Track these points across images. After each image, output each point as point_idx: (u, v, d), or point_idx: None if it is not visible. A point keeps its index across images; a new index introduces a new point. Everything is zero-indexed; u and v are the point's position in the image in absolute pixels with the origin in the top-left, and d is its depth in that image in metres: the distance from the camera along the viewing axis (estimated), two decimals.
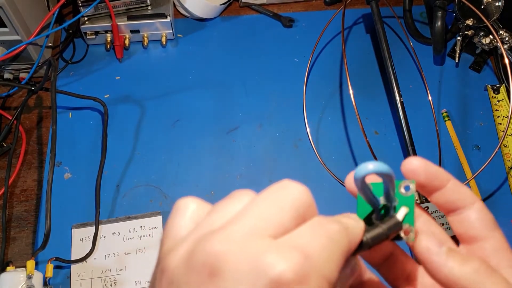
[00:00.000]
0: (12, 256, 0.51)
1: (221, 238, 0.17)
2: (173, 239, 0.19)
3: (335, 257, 0.18)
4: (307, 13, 0.68)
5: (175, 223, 0.20)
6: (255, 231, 0.17)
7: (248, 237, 0.17)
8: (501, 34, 0.59)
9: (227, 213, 0.19)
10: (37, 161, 0.57)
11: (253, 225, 0.18)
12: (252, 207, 0.19)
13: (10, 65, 0.59)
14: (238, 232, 0.17)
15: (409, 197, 0.24)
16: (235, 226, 0.18)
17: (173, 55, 0.64)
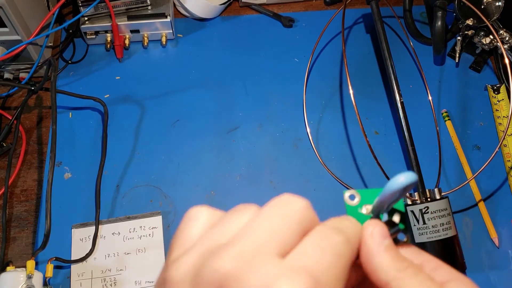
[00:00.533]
0: (12, 256, 0.51)
1: (230, 256, 0.17)
2: (182, 248, 0.20)
3: (342, 272, 0.19)
4: (307, 13, 0.68)
5: (186, 232, 0.20)
6: (264, 249, 0.18)
7: (257, 256, 0.17)
8: (501, 34, 0.59)
9: (233, 227, 0.19)
10: (37, 161, 0.57)
11: (261, 242, 0.18)
12: (259, 223, 0.19)
13: (10, 65, 0.59)
14: (246, 250, 0.18)
15: (399, 201, 0.24)
16: (243, 242, 0.18)
17: (173, 55, 0.64)
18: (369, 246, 0.22)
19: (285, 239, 0.19)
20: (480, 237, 0.54)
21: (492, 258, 0.52)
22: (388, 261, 0.22)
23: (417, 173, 0.53)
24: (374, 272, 0.22)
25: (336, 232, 0.20)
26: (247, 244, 0.18)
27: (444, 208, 0.50)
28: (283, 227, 0.19)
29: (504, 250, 0.53)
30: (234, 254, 0.17)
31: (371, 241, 0.22)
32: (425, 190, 0.52)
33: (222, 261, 0.17)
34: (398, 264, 0.22)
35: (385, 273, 0.22)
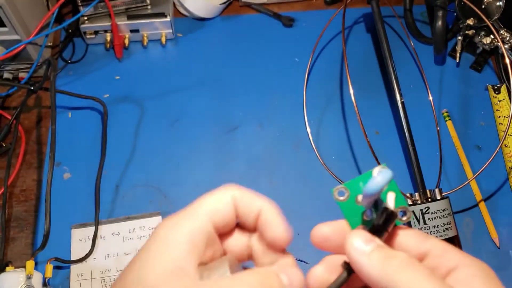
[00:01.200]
0: (12, 256, 0.51)
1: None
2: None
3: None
4: (308, 12, 0.68)
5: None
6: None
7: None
8: (501, 33, 0.59)
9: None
10: (36, 161, 0.57)
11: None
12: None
13: (10, 65, 0.59)
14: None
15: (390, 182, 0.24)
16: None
17: (173, 55, 0.64)
18: (354, 259, 0.22)
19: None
20: (481, 237, 0.53)
21: (492, 259, 0.52)
22: (377, 267, 0.21)
23: (417, 173, 0.53)
24: (368, 277, 0.22)
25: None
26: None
27: (444, 208, 0.50)
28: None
29: (505, 251, 0.53)
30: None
31: (354, 250, 0.22)
32: (426, 190, 0.52)
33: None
34: (386, 266, 0.21)
35: (379, 279, 0.21)
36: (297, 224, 0.30)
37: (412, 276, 0.21)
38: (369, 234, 0.23)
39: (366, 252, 0.22)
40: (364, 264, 0.22)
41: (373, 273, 0.22)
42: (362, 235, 0.23)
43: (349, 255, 0.22)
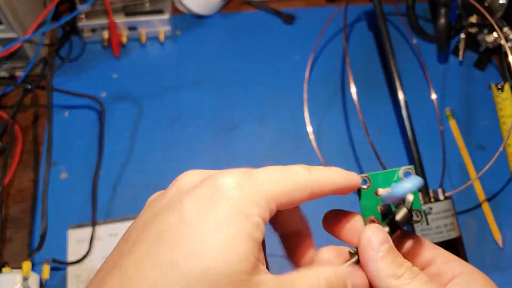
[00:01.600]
0: (8, 257, 0.50)
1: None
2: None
3: (286, 183, 0.22)
4: (308, 9, 0.67)
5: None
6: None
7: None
8: (505, 31, 0.58)
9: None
10: (33, 160, 0.56)
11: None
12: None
13: (6, 63, 0.58)
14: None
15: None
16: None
17: (172, 53, 0.64)
18: (366, 253, 0.23)
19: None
20: (484, 238, 0.53)
21: (496, 259, 0.52)
22: (384, 269, 0.22)
23: (420, 172, 0.52)
24: (372, 279, 0.23)
25: (301, 165, 0.24)
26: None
27: (447, 209, 0.49)
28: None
29: (508, 251, 0.52)
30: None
31: (368, 248, 0.23)
32: (429, 191, 0.51)
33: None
34: (394, 271, 0.22)
35: (380, 280, 0.22)
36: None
37: (415, 287, 0.22)
38: (385, 232, 0.24)
39: (380, 250, 0.23)
40: (373, 263, 0.23)
41: (380, 275, 0.22)
42: (381, 232, 0.23)
43: (363, 248, 0.23)
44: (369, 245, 0.23)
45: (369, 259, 0.23)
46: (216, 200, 0.21)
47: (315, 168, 0.24)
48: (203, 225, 0.20)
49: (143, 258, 0.20)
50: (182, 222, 0.20)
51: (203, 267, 0.19)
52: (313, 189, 0.23)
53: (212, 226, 0.20)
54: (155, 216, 0.21)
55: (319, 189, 0.24)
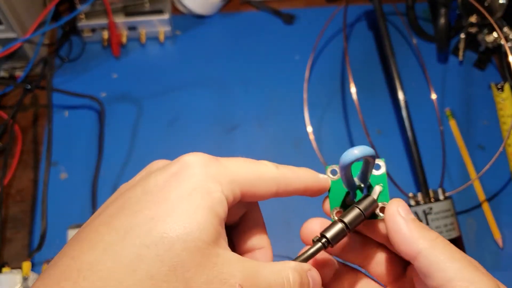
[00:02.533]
0: (8, 257, 0.50)
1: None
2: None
3: (249, 168, 0.23)
4: (308, 9, 0.67)
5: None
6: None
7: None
8: (505, 31, 0.58)
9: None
10: (33, 160, 0.56)
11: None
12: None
13: (6, 63, 0.59)
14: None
15: (381, 175, 0.25)
16: None
17: (172, 53, 0.64)
18: (397, 221, 0.23)
19: None
20: (484, 238, 0.53)
21: (496, 259, 0.52)
22: (417, 232, 0.22)
23: (420, 172, 0.52)
24: (404, 243, 0.22)
25: (270, 161, 0.24)
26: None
27: (447, 209, 0.49)
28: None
29: (508, 251, 0.52)
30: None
31: (398, 216, 0.23)
32: (429, 191, 0.51)
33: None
34: (427, 234, 0.22)
35: (415, 243, 0.22)
36: (297, 224, 0.29)
37: (450, 252, 0.22)
38: (408, 207, 0.24)
39: (408, 218, 0.23)
40: (405, 228, 0.23)
41: (413, 237, 0.22)
42: (405, 204, 0.24)
43: (393, 217, 0.23)
44: (398, 213, 0.23)
45: (400, 224, 0.23)
46: (180, 175, 0.21)
47: (285, 166, 0.24)
48: (165, 196, 0.20)
49: (102, 225, 0.20)
50: (144, 193, 0.21)
51: (161, 231, 0.19)
52: (280, 184, 0.23)
53: (174, 197, 0.20)
54: (120, 195, 0.22)
55: (285, 186, 0.24)
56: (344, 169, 0.23)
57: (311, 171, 0.25)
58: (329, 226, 0.24)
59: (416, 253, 0.22)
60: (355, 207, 0.24)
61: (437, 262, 0.21)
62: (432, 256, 0.21)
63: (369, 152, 0.22)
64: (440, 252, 0.22)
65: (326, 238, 0.23)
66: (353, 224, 0.23)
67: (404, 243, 0.22)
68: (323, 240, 0.23)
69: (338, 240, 0.23)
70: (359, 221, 0.24)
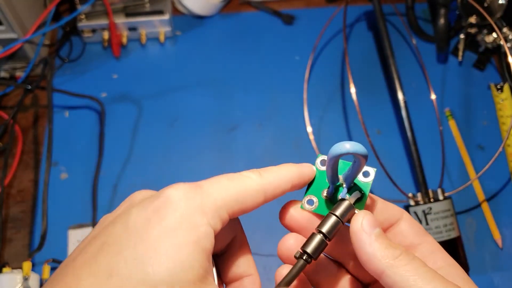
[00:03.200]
0: (8, 257, 0.50)
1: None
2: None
3: (233, 188, 0.22)
4: (308, 10, 0.67)
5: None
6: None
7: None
8: (504, 32, 0.58)
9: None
10: (33, 161, 0.56)
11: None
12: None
13: (6, 64, 0.59)
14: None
15: (367, 183, 0.25)
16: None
17: (172, 53, 0.64)
18: (360, 237, 0.22)
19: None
20: (483, 238, 0.53)
21: (495, 259, 0.52)
22: (380, 250, 0.22)
23: (420, 172, 0.52)
24: (368, 262, 0.22)
25: (252, 170, 0.24)
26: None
27: (447, 209, 0.49)
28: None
29: (508, 251, 0.52)
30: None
31: (361, 232, 0.22)
32: (428, 191, 0.51)
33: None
34: (390, 252, 0.22)
35: (378, 262, 0.22)
36: None
37: (413, 268, 0.21)
38: (375, 217, 0.23)
39: (373, 233, 0.22)
40: (368, 245, 0.22)
41: (376, 256, 0.22)
42: (371, 216, 0.23)
43: (357, 233, 0.22)
44: (361, 229, 0.22)
45: (364, 242, 0.22)
46: (163, 210, 0.20)
47: (267, 170, 0.24)
48: (147, 234, 0.19)
49: (82, 267, 0.19)
50: (125, 231, 0.20)
51: (143, 273, 0.18)
52: (266, 192, 0.23)
53: (157, 234, 0.19)
54: (102, 230, 0.21)
55: (273, 191, 0.23)
56: (331, 160, 0.22)
57: (294, 166, 0.24)
58: (308, 239, 0.23)
59: (380, 272, 0.21)
60: (332, 215, 0.23)
61: (401, 280, 0.21)
62: (395, 275, 0.21)
63: (361, 150, 0.22)
64: (405, 270, 0.21)
65: (307, 253, 0.23)
66: (332, 233, 0.23)
67: (367, 262, 0.22)
68: (305, 257, 0.23)
69: (320, 252, 0.23)
70: (337, 229, 0.23)
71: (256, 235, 0.52)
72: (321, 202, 0.25)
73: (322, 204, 0.25)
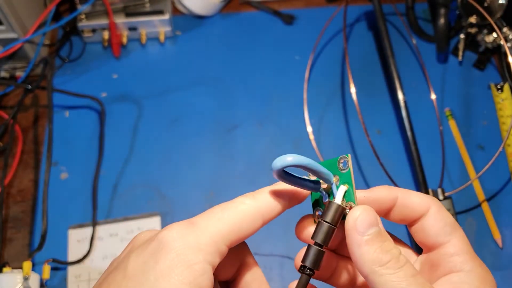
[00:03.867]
0: (9, 257, 0.50)
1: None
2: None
3: (228, 218, 0.22)
4: (308, 9, 0.67)
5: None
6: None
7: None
8: (504, 32, 0.58)
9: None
10: (33, 160, 0.56)
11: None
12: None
13: (6, 64, 0.59)
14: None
15: (346, 173, 0.24)
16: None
17: (172, 53, 0.64)
18: (351, 236, 0.22)
19: None
20: (484, 238, 0.53)
21: (495, 259, 0.52)
22: (368, 253, 0.21)
23: (420, 172, 0.52)
24: (355, 263, 0.22)
25: (245, 194, 0.23)
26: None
27: (447, 208, 0.49)
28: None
29: (508, 251, 0.52)
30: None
31: (353, 231, 0.22)
32: (428, 191, 0.51)
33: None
34: (379, 257, 0.21)
35: (364, 265, 0.21)
36: (296, 222, 0.29)
37: (397, 278, 0.21)
38: (375, 214, 0.22)
39: (367, 234, 0.21)
40: (358, 247, 0.21)
41: (363, 260, 0.21)
42: (369, 213, 0.22)
43: (349, 231, 0.22)
44: (354, 228, 0.21)
45: (354, 243, 0.21)
46: (158, 253, 0.20)
47: (260, 192, 0.23)
48: (144, 278, 0.20)
49: None
50: (124, 278, 0.20)
51: None
52: (264, 215, 0.23)
53: (153, 278, 0.20)
54: (105, 277, 0.22)
55: (270, 213, 0.23)
56: (277, 176, 0.22)
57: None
58: (306, 252, 0.23)
59: (365, 275, 0.21)
60: (323, 222, 0.23)
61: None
62: (378, 283, 0.21)
63: (301, 162, 0.21)
64: (389, 279, 0.20)
65: (307, 267, 0.23)
66: (327, 240, 0.23)
67: (355, 262, 0.22)
68: (307, 271, 0.23)
69: (320, 262, 0.23)
70: (331, 234, 0.23)
71: (256, 235, 0.52)
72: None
73: None
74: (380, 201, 0.24)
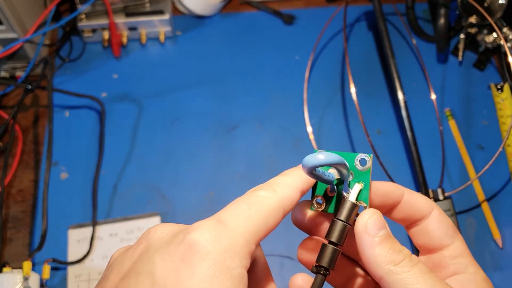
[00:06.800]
0: (9, 257, 0.50)
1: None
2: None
3: (256, 216, 0.21)
4: (308, 10, 0.67)
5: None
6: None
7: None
8: (504, 32, 0.58)
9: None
10: (33, 160, 0.56)
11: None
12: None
13: (6, 63, 0.59)
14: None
15: (365, 172, 0.24)
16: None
17: (172, 53, 0.64)
18: (363, 238, 0.22)
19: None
20: (484, 238, 0.53)
21: (495, 259, 0.52)
22: (381, 254, 0.21)
23: (420, 172, 0.52)
24: (369, 265, 0.22)
25: (263, 187, 0.22)
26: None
27: (447, 208, 0.49)
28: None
29: (508, 251, 0.52)
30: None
31: (364, 234, 0.22)
32: (428, 191, 0.51)
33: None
34: (392, 257, 0.21)
35: (378, 267, 0.21)
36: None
37: (413, 276, 0.21)
38: (382, 217, 0.22)
39: (378, 235, 0.22)
40: (370, 248, 0.21)
41: (376, 260, 0.21)
42: (379, 216, 0.22)
43: (360, 233, 0.22)
44: (365, 231, 0.22)
45: (366, 245, 0.21)
46: (191, 258, 0.19)
47: (276, 183, 0.22)
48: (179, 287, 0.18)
49: None
50: (153, 285, 0.18)
51: None
52: (285, 207, 0.22)
53: (190, 287, 0.18)
54: (123, 280, 0.19)
55: (290, 204, 0.22)
56: (307, 172, 0.22)
57: (298, 170, 0.23)
58: (321, 251, 0.23)
59: (379, 277, 0.21)
60: (337, 220, 0.23)
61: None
62: (394, 282, 0.21)
63: (335, 160, 0.21)
64: (405, 277, 0.20)
65: (322, 267, 0.22)
66: (342, 238, 0.23)
67: (368, 265, 0.21)
68: (322, 271, 0.22)
69: (335, 261, 0.22)
70: (346, 232, 0.23)
71: None
72: (328, 200, 0.25)
73: (329, 202, 0.25)
74: (388, 195, 0.24)
